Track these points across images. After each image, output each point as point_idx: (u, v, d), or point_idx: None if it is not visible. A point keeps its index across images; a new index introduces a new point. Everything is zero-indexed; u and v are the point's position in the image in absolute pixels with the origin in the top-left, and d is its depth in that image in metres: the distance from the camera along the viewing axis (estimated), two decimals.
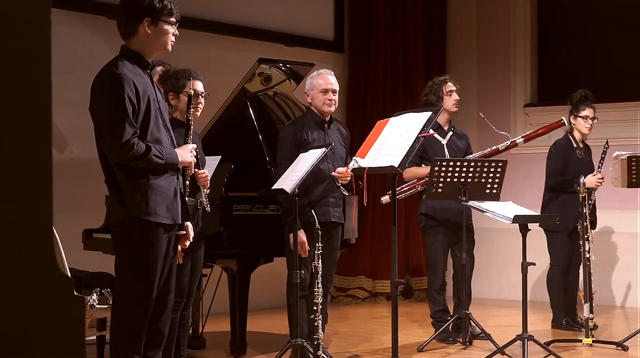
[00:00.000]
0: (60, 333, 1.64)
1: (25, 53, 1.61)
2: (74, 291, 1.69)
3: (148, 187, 3.82)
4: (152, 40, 3.91)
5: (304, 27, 8.76)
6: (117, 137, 3.75)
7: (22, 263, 1.61)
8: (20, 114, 1.61)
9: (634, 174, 6.16)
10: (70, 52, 6.89)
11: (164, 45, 3.96)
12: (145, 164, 3.80)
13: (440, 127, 6.38)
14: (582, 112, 6.73)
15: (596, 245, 6.53)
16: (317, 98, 5.49)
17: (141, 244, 3.85)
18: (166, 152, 3.86)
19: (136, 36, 3.91)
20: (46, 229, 1.65)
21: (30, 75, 1.63)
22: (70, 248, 4.81)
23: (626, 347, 5.95)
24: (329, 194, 5.43)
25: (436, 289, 6.40)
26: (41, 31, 1.63)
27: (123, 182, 3.82)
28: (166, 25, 3.93)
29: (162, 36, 3.93)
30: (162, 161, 3.82)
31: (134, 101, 3.78)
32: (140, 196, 3.81)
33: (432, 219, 6.33)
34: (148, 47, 3.94)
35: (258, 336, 6.52)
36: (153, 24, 3.89)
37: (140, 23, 3.88)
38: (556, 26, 9.26)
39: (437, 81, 6.49)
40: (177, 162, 3.92)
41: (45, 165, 1.64)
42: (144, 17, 3.88)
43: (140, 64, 3.93)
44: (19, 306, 1.60)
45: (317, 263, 5.02)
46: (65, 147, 6.89)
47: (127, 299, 3.95)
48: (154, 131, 3.87)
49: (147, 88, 3.88)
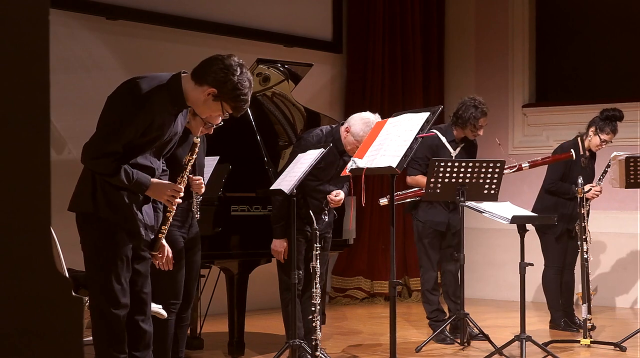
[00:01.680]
0: (58, 333, 1.64)
1: (24, 53, 1.61)
2: (72, 292, 1.69)
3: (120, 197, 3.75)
4: (201, 104, 3.74)
5: (302, 27, 8.76)
6: (95, 148, 3.70)
7: (20, 264, 1.60)
8: (18, 114, 1.61)
9: (632, 174, 6.17)
10: (69, 52, 6.89)
11: (201, 114, 3.84)
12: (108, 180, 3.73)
13: (454, 141, 6.38)
14: (604, 135, 6.61)
15: (594, 245, 6.53)
16: (351, 144, 5.35)
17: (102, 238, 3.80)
18: (137, 178, 3.73)
19: (196, 87, 3.71)
20: (44, 230, 1.65)
21: (28, 76, 1.62)
22: (68, 249, 4.80)
23: (624, 348, 5.95)
24: (318, 211, 5.39)
25: (429, 289, 6.42)
26: (39, 31, 1.63)
27: (98, 184, 3.76)
28: (219, 108, 3.74)
29: (210, 110, 3.77)
30: (127, 184, 3.71)
31: (141, 127, 3.67)
32: (111, 202, 3.75)
33: (423, 221, 6.39)
34: (193, 100, 3.75)
35: (256, 337, 6.52)
36: (214, 97, 3.70)
37: (208, 87, 3.68)
38: (554, 26, 9.27)
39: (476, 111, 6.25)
40: (143, 191, 3.77)
41: (43, 166, 1.64)
42: (214, 85, 3.68)
43: (176, 102, 3.75)
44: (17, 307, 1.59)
45: (315, 264, 5.02)
46: (63, 147, 6.88)
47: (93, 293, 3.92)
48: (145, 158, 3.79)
49: (165, 124, 3.75)
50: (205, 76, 3.70)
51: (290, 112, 6.41)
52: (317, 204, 5.39)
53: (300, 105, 6.38)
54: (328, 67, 9.06)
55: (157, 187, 3.81)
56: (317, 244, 5.01)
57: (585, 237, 6.18)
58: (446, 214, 6.31)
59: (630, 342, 6.08)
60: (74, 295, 1.68)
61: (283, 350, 5.28)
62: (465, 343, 6.11)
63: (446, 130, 6.38)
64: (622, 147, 6.94)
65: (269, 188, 5.20)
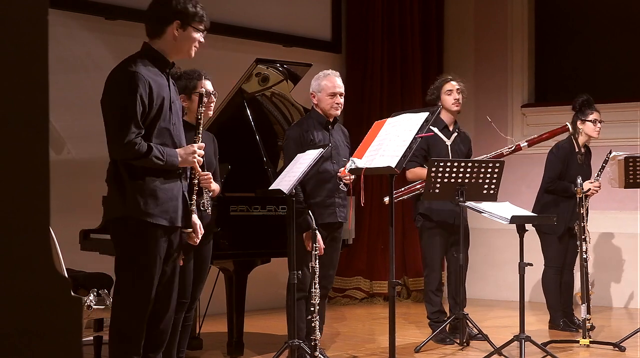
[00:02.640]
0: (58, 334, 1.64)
1: (23, 53, 1.61)
2: (71, 292, 1.69)
3: (150, 188, 3.81)
4: (177, 43, 3.92)
5: (301, 27, 8.76)
6: (121, 135, 3.75)
7: (19, 264, 1.60)
8: (17, 114, 1.61)
9: (631, 174, 6.17)
10: (68, 52, 6.89)
11: (187, 51, 3.96)
12: (145, 164, 3.79)
13: (446, 127, 6.39)
14: (590, 116, 6.68)
15: (593, 245, 6.53)
16: (325, 101, 5.51)
17: (138, 244, 3.84)
18: (167, 153, 3.83)
19: (162, 37, 3.92)
20: (43, 230, 1.65)
21: (28, 76, 1.62)
22: (67, 249, 4.80)
23: (623, 348, 5.95)
24: (334, 195, 5.45)
25: (433, 290, 6.41)
26: (38, 31, 1.63)
27: (126, 181, 3.80)
28: (194, 31, 3.93)
29: (188, 42, 3.93)
30: (162, 162, 3.80)
31: (146, 101, 3.77)
32: (141, 196, 3.79)
33: (428, 220, 6.33)
34: (172, 49, 3.94)
35: (255, 337, 6.52)
36: (182, 28, 3.90)
37: (170, 25, 3.89)
38: (553, 26, 9.27)
39: (438, 80, 6.52)
40: (177, 164, 3.88)
41: (42, 166, 1.64)
42: (174, 19, 3.88)
43: (159, 64, 3.92)
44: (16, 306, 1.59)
45: (314, 264, 5.02)
46: (62, 147, 6.88)
47: (124, 299, 3.93)
48: (163, 132, 3.87)
49: (162, 88, 3.87)
50: (159, 23, 3.90)
51: (290, 112, 6.41)
52: (330, 188, 5.40)
53: (299, 105, 6.38)
54: (327, 67, 8.97)
55: (184, 153, 3.91)
56: (316, 244, 5.00)
57: (585, 236, 6.18)
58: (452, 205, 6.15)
59: (630, 342, 6.08)
60: (73, 295, 1.68)
61: (282, 350, 5.28)
62: (464, 343, 6.11)
63: (435, 119, 6.37)
64: (622, 147, 6.94)
65: (268, 188, 5.20)
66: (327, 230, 5.39)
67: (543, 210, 6.67)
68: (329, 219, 5.38)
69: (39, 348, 1.61)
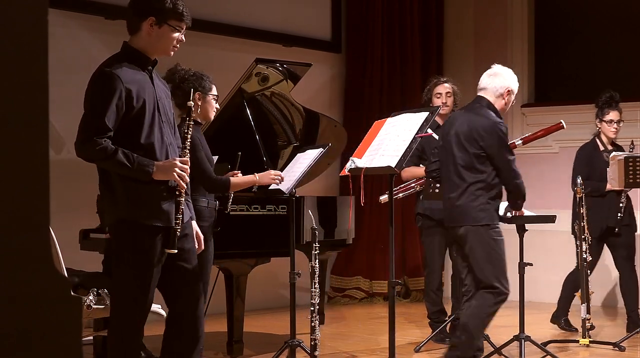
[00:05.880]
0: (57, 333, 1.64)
1: (22, 53, 1.61)
2: (71, 291, 1.69)
3: (140, 189, 3.69)
4: (153, 40, 3.76)
5: (301, 27, 8.77)
6: (82, 135, 3.66)
7: (18, 264, 1.60)
8: (17, 114, 1.61)
9: (631, 174, 6.17)
10: (67, 52, 6.89)
11: (165, 49, 3.80)
12: (110, 167, 3.66)
13: (439, 127, 6.38)
14: (607, 116, 6.67)
15: None
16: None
17: (133, 247, 3.74)
18: (137, 160, 3.63)
19: (139, 34, 3.77)
20: (43, 229, 1.65)
21: (27, 76, 1.62)
22: (67, 249, 4.80)
23: (623, 348, 5.96)
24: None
25: (433, 290, 6.41)
26: (38, 31, 1.63)
27: (116, 183, 3.70)
28: (171, 29, 3.77)
29: (164, 39, 3.77)
30: (128, 168, 3.62)
31: (121, 102, 3.62)
32: (133, 198, 3.70)
33: (429, 219, 6.32)
34: (148, 46, 3.78)
35: (255, 336, 6.52)
36: (157, 25, 3.74)
37: (145, 20, 3.74)
38: (554, 26, 9.27)
39: (431, 82, 6.52)
40: (150, 173, 3.65)
41: (42, 166, 1.64)
42: (148, 15, 3.73)
43: (139, 62, 3.77)
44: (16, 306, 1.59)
45: (314, 263, 5.02)
46: (62, 147, 6.88)
47: (122, 302, 3.85)
48: (150, 132, 3.71)
49: (144, 87, 3.72)
50: (137, 19, 3.76)
51: (289, 112, 6.41)
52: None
53: (299, 105, 6.38)
54: (327, 67, 9.06)
55: (164, 166, 3.70)
56: (316, 244, 5.01)
57: (585, 237, 6.18)
58: None
59: (629, 342, 6.09)
60: (72, 295, 1.68)
61: (282, 350, 5.28)
62: None
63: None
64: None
65: (268, 188, 5.20)
66: None
67: (575, 214, 6.66)
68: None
69: (39, 348, 1.61)
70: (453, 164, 4.86)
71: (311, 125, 6.49)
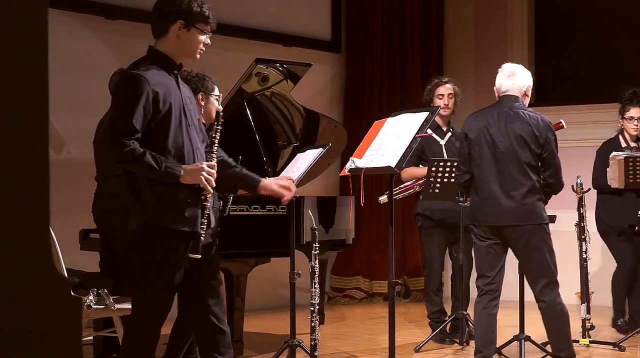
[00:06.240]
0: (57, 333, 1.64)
1: (22, 53, 1.61)
2: (71, 291, 1.69)
3: (167, 193, 3.70)
4: (181, 44, 3.80)
5: (301, 27, 8.77)
6: (112, 137, 3.66)
7: (18, 264, 1.60)
8: (17, 114, 1.61)
9: (631, 174, 6.17)
10: (67, 52, 6.89)
11: (192, 53, 3.84)
12: (138, 169, 3.68)
13: (439, 128, 6.39)
14: (628, 113, 6.65)
15: (593, 245, 6.52)
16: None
17: (159, 250, 3.74)
18: (165, 163, 3.65)
19: (166, 37, 3.80)
20: (43, 229, 1.65)
21: (27, 76, 1.62)
22: (67, 249, 4.80)
23: (623, 348, 5.96)
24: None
25: (433, 290, 6.40)
26: (38, 31, 1.63)
27: (143, 186, 3.71)
28: (199, 32, 3.81)
29: (192, 43, 3.81)
30: (156, 171, 3.63)
31: (149, 105, 3.65)
32: (160, 201, 3.70)
33: (429, 219, 6.32)
34: (176, 50, 3.81)
35: (255, 336, 6.52)
36: (185, 28, 3.78)
37: (173, 24, 3.77)
38: (553, 26, 9.27)
39: (432, 82, 6.51)
40: (177, 177, 3.68)
41: (42, 166, 1.64)
42: (177, 18, 3.76)
43: (165, 65, 3.79)
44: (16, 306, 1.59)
45: (314, 263, 5.02)
46: (62, 147, 6.88)
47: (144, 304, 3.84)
48: (177, 135, 3.74)
49: (169, 91, 3.74)
50: (163, 23, 3.79)
51: (289, 112, 6.41)
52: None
53: (299, 105, 6.38)
54: (327, 67, 9.06)
55: (191, 169, 3.72)
56: (316, 244, 5.01)
57: (585, 237, 6.18)
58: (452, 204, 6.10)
59: (629, 342, 6.08)
60: (73, 295, 1.68)
61: (282, 350, 5.28)
62: (464, 343, 6.11)
63: None
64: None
65: None
66: None
67: (597, 212, 6.65)
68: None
69: (39, 348, 1.61)
70: (517, 163, 4.84)
71: (311, 125, 6.48)
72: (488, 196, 4.85)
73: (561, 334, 4.90)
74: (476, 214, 4.94)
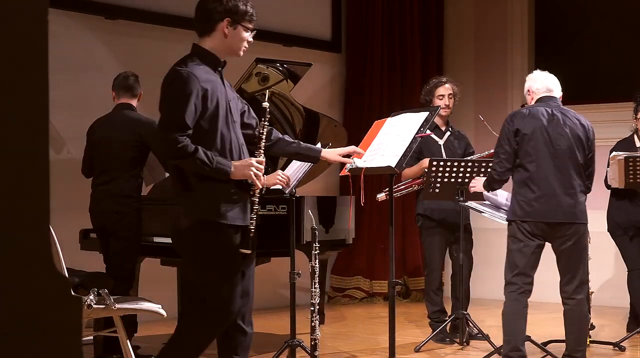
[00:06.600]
0: (58, 333, 1.64)
1: (22, 53, 1.61)
2: (71, 291, 1.69)
3: (219, 189, 3.74)
4: (227, 41, 3.88)
5: (301, 27, 8.77)
6: (163, 134, 3.69)
7: (19, 263, 1.60)
8: (17, 114, 1.61)
9: (631, 174, 6.17)
10: (68, 52, 6.89)
11: (237, 50, 3.94)
12: (190, 167, 3.70)
13: (438, 128, 6.39)
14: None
15: (593, 245, 6.53)
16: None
17: (218, 247, 3.77)
18: (216, 160, 3.69)
19: (212, 35, 3.87)
20: (43, 229, 1.65)
21: (27, 75, 1.62)
22: (67, 249, 4.80)
23: (623, 348, 5.96)
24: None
25: (433, 289, 6.40)
26: (38, 31, 1.63)
27: (194, 183, 3.73)
28: (244, 30, 3.92)
29: (238, 40, 3.91)
30: (209, 167, 3.67)
31: (199, 102, 3.69)
32: (212, 198, 3.73)
33: (429, 219, 6.32)
34: (222, 47, 3.89)
35: (255, 336, 6.48)
36: (232, 26, 3.87)
37: (220, 22, 3.84)
38: (553, 26, 9.27)
39: (432, 82, 6.51)
40: (228, 173, 3.73)
41: (42, 165, 1.64)
42: (225, 16, 3.84)
43: (211, 62, 3.86)
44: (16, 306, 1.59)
45: (314, 263, 5.02)
46: (62, 147, 6.88)
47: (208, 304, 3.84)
48: (224, 132, 3.78)
49: (216, 88, 3.80)
50: (209, 20, 3.84)
51: (290, 112, 6.40)
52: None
53: (299, 104, 6.38)
54: (327, 67, 9.06)
55: (241, 165, 3.79)
56: (316, 244, 5.01)
57: None
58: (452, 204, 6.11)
59: (629, 342, 6.08)
60: (73, 295, 1.68)
61: (282, 350, 5.28)
62: (464, 343, 6.11)
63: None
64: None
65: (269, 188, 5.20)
66: None
67: (610, 212, 6.64)
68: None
69: (39, 348, 1.61)
70: (574, 162, 4.90)
71: (311, 125, 6.48)
72: (547, 192, 4.86)
73: (581, 334, 4.98)
74: (528, 210, 4.90)
